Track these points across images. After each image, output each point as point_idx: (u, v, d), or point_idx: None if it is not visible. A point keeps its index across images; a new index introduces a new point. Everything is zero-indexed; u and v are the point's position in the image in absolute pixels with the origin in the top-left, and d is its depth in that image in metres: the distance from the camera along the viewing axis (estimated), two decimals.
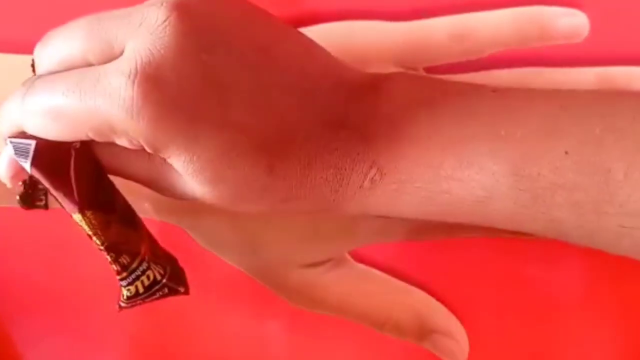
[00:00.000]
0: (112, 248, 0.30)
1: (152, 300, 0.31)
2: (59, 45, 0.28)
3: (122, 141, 0.27)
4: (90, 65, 0.27)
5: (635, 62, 0.36)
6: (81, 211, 0.29)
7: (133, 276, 0.31)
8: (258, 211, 0.29)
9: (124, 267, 0.30)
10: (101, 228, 0.30)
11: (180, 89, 0.26)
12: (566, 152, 0.26)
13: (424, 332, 0.38)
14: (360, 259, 0.38)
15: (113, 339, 0.38)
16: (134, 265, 0.31)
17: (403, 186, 0.28)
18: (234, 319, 0.38)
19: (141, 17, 0.26)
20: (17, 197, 0.35)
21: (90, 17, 0.28)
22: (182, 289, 0.33)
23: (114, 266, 0.31)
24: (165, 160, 0.27)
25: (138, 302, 0.31)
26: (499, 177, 0.27)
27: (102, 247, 0.30)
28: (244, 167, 0.27)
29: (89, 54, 0.27)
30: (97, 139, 0.27)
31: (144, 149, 0.27)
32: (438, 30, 0.36)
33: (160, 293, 0.32)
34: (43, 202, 0.36)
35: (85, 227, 0.30)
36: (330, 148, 0.28)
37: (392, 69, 0.35)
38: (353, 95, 0.29)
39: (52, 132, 0.27)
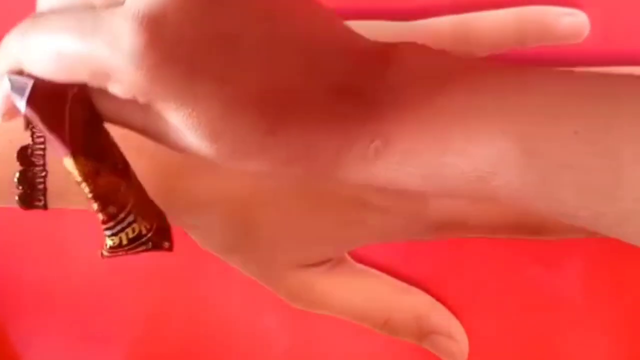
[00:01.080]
0: (100, 197, 0.30)
1: (135, 253, 0.32)
2: None
3: (115, 89, 0.26)
4: (93, 7, 0.26)
5: (635, 62, 0.36)
6: (73, 156, 0.29)
7: (119, 227, 0.31)
8: (257, 171, 0.28)
9: (110, 217, 0.30)
10: (91, 175, 0.29)
11: (184, 39, 0.25)
12: (576, 132, 0.26)
13: (423, 332, 0.38)
14: (360, 259, 0.38)
15: (113, 339, 0.38)
16: (120, 216, 0.30)
17: (407, 158, 0.27)
18: (234, 319, 0.38)
19: None
20: (16, 198, 0.35)
21: None
22: (166, 245, 0.33)
23: (100, 215, 0.30)
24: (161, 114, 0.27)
25: (120, 253, 0.31)
26: (506, 153, 0.26)
27: (89, 195, 0.30)
28: (244, 127, 0.26)
29: None
30: (93, 83, 0.26)
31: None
32: (439, 30, 0.36)
33: (144, 247, 0.32)
34: (42, 203, 0.36)
35: (75, 173, 0.29)
36: (336, 114, 0.27)
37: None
38: (361, 62, 0.28)
39: (50, 71, 0.27)
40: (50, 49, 0.26)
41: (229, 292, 0.38)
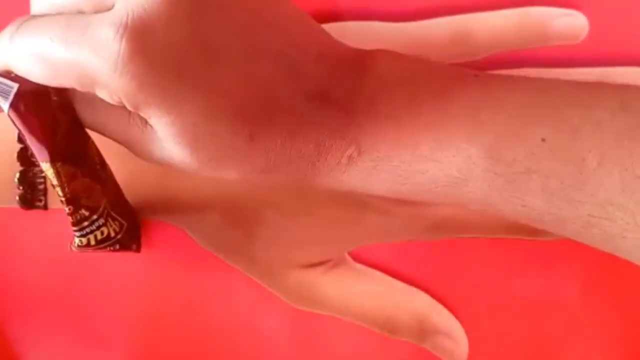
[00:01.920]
0: (73, 201, 0.31)
1: (102, 251, 0.33)
2: None
3: (103, 94, 0.26)
4: (81, 13, 0.27)
5: (633, 63, 0.36)
6: (52, 161, 0.29)
7: (87, 230, 0.32)
8: (235, 179, 0.29)
9: (79, 220, 0.31)
10: (67, 180, 0.30)
11: (168, 49, 0.25)
12: (543, 140, 0.26)
13: (423, 332, 0.38)
14: (360, 259, 0.38)
15: (112, 339, 0.38)
16: (90, 220, 0.32)
17: (380, 164, 0.28)
18: (234, 318, 0.38)
19: None
20: (17, 198, 0.35)
21: None
22: (133, 247, 0.34)
23: (70, 217, 0.31)
24: (145, 122, 0.27)
25: (89, 250, 0.33)
26: (475, 159, 0.27)
27: (62, 199, 0.30)
28: (225, 134, 0.27)
29: (80, 2, 0.27)
30: (79, 88, 0.27)
31: (124, 107, 0.26)
32: (438, 31, 0.36)
33: (111, 248, 0.33)
34: (42, 203, 0.36)
35: (52, 178, 0.30)
36: (312, 122, 0.28)
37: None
38: (338, 69, 0.29)
39: (37, 74, 0.27)
40: (37, 54, 0.27)
41: (229, 291, 0.38)
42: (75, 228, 0.32)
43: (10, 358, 0.38)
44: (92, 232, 0.32)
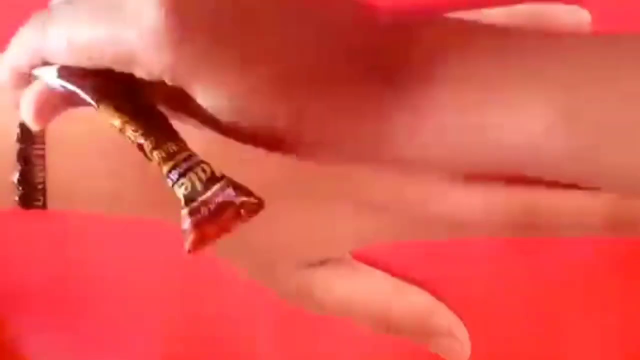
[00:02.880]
0: (151, 134, 0.26)
1: (223, 212, 0.25)
2: None
3: (141, 72, 0.26)
4: None
5: None
6: (105, 101, 0.27)
7: (185, 166, 0.26)
8: (284, 152, 0.28)
9: (169, 155, 0.26)
10: (134, 117, 0.27)
11: (207, 20, 0.25)
12: (621, 98, 0.25)
13: (425, 332, 0.38)
14: (361, 259, 0.38)
15: (112, 338, 0.38)
16: (182, 155, 0.26)
17: (443, 133, 0.27)
18: (233, 318, 0.38)
19: None
20: (16, 198, 0.35)
21: None
22: (253, 196, 0.26)
23: (155, 155, 0.26)
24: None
25: (203, 212, 0.25)
26: (549, 120, 0.25)
27: (137, 133, 0.26)
28: (267, 106, 0.26)
29: None
30: (116, 68, 0.27)
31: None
32: None
33: (228, 195, 0.25)
34: (42, 203, 0.36)
35: (115, 117, 0.27)
36: (361, 92, 0.27)
37: None
38: (385, 38, 0.28)
39: (73, 58, 0.27)
40: (72, 37, 0.27)
41: (229, 291, 0.38)
42: (167, 167, 0.25)
43: (10, 358, 0.38)
44: (191, 168, 0.25)
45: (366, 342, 0.38)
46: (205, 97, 0.26)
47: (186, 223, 0.25)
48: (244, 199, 0.26)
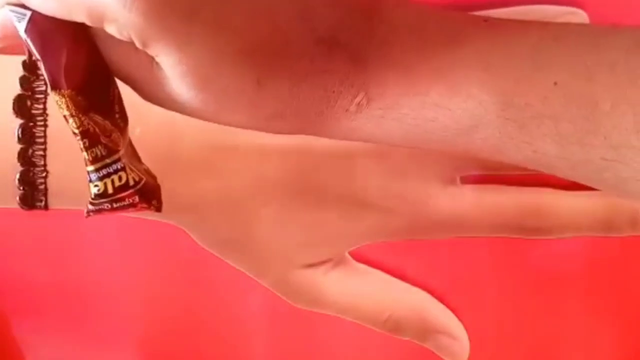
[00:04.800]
0: (88, 134, 0.29)
1: (120, 209, 0.29)
2: None
3: (111, 29, 0.26)
4: None
5: None
6: (63, 88, 0.28)
7: (104, 171, 0.29)
8: (240, 125, 0.29)
9: (96, 159, 0.29)
10: (79, 112, 0.28)
11: None
12: (555, 83, 0.26)
13: (424, 331, 0.38)
14: (361, 259, 0.38)
15: (113, 339, 0.38)
16: (108, 160, 0.29)
17: (389, 112, 0.28)
18: (233, 318, 0.38)
19: None
20: (17, 198, 0.35)
21: None
22: (154, 202, 0.31)
23: (85, 154, 0.29)
24: (152, 60, 0.27)
25: (105, 207, 0.29)
26: (486, 105, 0.27)
27: (77, 131, 0.29)
28: (233, 76, 0.27)
29: None
30: (89, 23, 0.27)
31: (133, 45, 0.27)
32: None
33: (130, 200, 0.30)
34: (42, 203, 0.36)
35: (63, 107, 0.28)
36: (322, 69, 0.28)
37: None
38: (349, 13, 0.28)
39: (50, 8, 0.27)
40: None
41: (229, 291, 0.38)
42: (91, 167, 0.29)
43: (11, 358, 0.38)
44: (109, 175, 0.29)
45: (366, 342, 0.38)
46: (169, 62, 0.26)
47: (90, 206, 0.29)
48: (146, 206, 0.30)
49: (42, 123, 0.35)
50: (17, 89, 0.35)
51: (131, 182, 0.29)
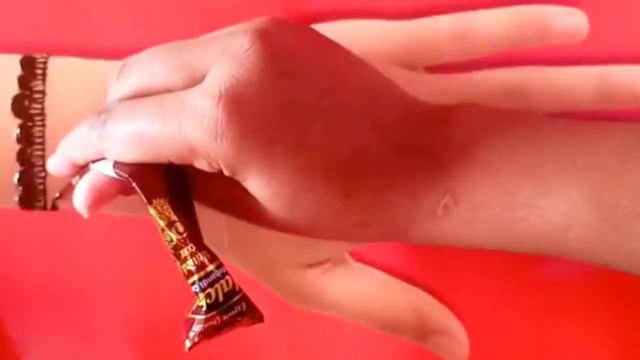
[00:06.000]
0: (194, 239, 0.28)
1: (232, 322, 0.27)
2: (137, 74, 0.29)
3: (201, 164, 0.28)
4: (169, 91, 0.28)
5: (634, 61, 0.36)
6: (159, 196, 0.28)
7: (211, 278, 0.27)
8: (332, 237, 0.30)
9: (200, 266, 0.27)
10: (182, 219, 0.28)
11: (262, 112, 0.27)
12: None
13: (424, 332, 0.38)
14: (360, 259, 0.38)
15: (112, 338, 0.38)
16: (211, 267, 0.28)
17: (477, 214, 0.28)
18: None
19: (224, 45, 0.28)
20: (16, 198, 0.35)
21: (168, 45, 0.29)
22: (257, 314, 0.28)
23: (190, 262, 0.27)
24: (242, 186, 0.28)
25: (216, 321, 0.27)
26: (577, 205, 0.27)
27: (182, 236, 0.28)
28: (320, 190, 0.28)
29: (170, 80, 0.28)
30: (176, 162, 0.28)
31: (222, 175, 0.28)
32: (438, 29, 0.36)
33: (239, 308, 0.28)
34: (42, 203, 0.36)
35: (165, 215, 0.28)
36: (404, 173, 0.28)
37: (393, 68, 0.35)
38: (424, 124, 0.29)
39: (134, 156, 0.28)
40: (133, 135, 0.28)
41: None
42: (196, 277, 0.27)
43: (11, 357, 0.38)
44: (217, 280, 0.27)
45: (366, 342, 0.38)
46: (259, 185, 0.28)
47: (199, 327, 0.27)
48: (251, 315, 0.28)
49: (40, 123, 0.35)
50: (15, 89, 0.35)
51: (237, 287, 0.28)
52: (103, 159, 0.29)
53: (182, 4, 0.36)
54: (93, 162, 0.30)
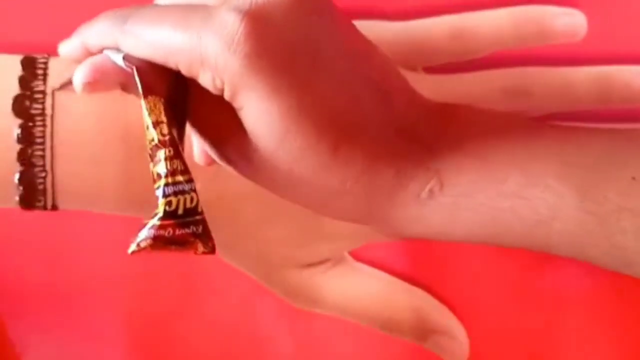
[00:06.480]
0: (174, 144, 0.27)
1: (183, 241, 0.27)
2: None
3: (206, 78, 0.27)
4: (205, 5, 0.28)
5: (633, 61, 0.36)
6: (156, 94, 0.28)
7: (177, 188, 0.27)
8: (306, 201, 0.29)
9: (174, 172, 0.27)
10: (170, 121, 0.27)
11: (281, 37, 0.26)
12: (633, 178, 0.26)
13: (424, 332, 0.38)
14: (360, 259, 0.38)
15: (112, 338, 0.38)
16: (181, 178, 0.27)
17: (463, 201, 0.28)
18: (234, 318, 0.38)
19: None
20: (17, 198, 0.35)
21: None
22: (211, 243, 0.28)
23: (164, 164, 0.27)
24: (235, 115, 0.28)
25: (167, 232, 0.27)
26: (565, 198, 0.27)
27: (164, 138, 0.27)
28: (312, 132, 0.27)
29: None
30: (183, 71, 0.27)
31: (219, 101, 0.27)
32: (438, 30, 0.36)
33: (195, 229, 0.27)
34: (42, 203, 0.36)
35: (155, 112, 0.27)
36: (396, 152, 0.28)
37: None
38: (425, 113, 0.29)
39: (147, 52, 0.28)
40: (152, 35, 0.27)
41: (229, 291, 0.38)
42: (163, 182, 0.27)
43: (11, 357, 0.38)
44: (183, 192, 0.27)
45: (366, 342, 0.38)
46: (256, 111, 0.27)
47: (149, 231, 0.27)
48: (204, 241, 0.28)
49: (41, 123, 0.35)
50: (16, 89, 0.35)
51: (199, 209, 0.27)
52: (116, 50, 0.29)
53: None
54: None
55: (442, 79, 0.36)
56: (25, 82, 0.35)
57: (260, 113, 0.27)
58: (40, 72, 0.35)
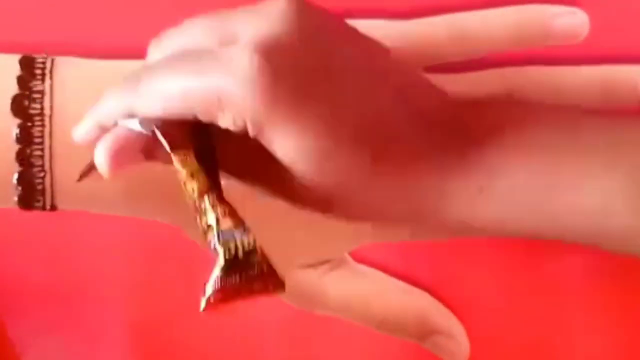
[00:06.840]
0: (217, 191, 0.27)
1: (251, 285, 0.26)
2: (177, 38, 0.29)
3: (226, 119, 0.27)
4: (210, 50, 0.28)
5: (635, 61, 0.36)
6: (184, 147, 0.28)
7: (232, 232, 0.27)
8: (362, 213, 0.29)
9: (223, 217, 0.27)
10: (203, 170, 0.28)
11: (294, 63, 0.27)
12: None
13: (424, 332, 0.38)
14: (360, 259, 0.38)
15: (112, 338, 0.38)
16: (232, 221, 0.27)
17: (514, 194, 0.28)
18: (234, 318, 0.38)
19: (260, 7, 0.28)
20: (16, 198, 0.35)
21: (207, 15, 0.29)
22: (279, 280, 0.27)
23: (212, 212, 0.26)
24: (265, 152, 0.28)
25: (234, 280, 0.26)
26: (619, 185, 0.27)
27: (203, 187, 0.27)
28: (348, 148, 0.27)
29: (207, 42, 0.28)
30: (203, 117, 0.27)
31: (246, 139, 0.27)
32: (438, 29, 0.35)
33: (258, 269, 0.26)
34: (41, 203, 0.36)
35: (189, 164, 0.27)
36: (437, 148, 0.28)
37: None
38: (457, 112, 0.29)
39: (164, 109, 0.28)
40: (165, 87, 0.28)
41: None
42: (215, 231, 0.27)
43: (11, 357, 0.38)
44: (238, 236, 0.27)
45: (366, 342, 0.38)
46: (285, 142, 0.27)
47: (215, 284, 0.27)
48: (273, 280, 0.27)
49: (40, 123, 0.35)
50: (14, 89, 0.35)
51: (258, 249, 0.27)
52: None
53: (183, 4, 0.36)
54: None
55: (442, 79, 0.36)
56: (23, 81, 0.35)
57: (289, 143, 0.27)
58: (38, 71, 0.35)
